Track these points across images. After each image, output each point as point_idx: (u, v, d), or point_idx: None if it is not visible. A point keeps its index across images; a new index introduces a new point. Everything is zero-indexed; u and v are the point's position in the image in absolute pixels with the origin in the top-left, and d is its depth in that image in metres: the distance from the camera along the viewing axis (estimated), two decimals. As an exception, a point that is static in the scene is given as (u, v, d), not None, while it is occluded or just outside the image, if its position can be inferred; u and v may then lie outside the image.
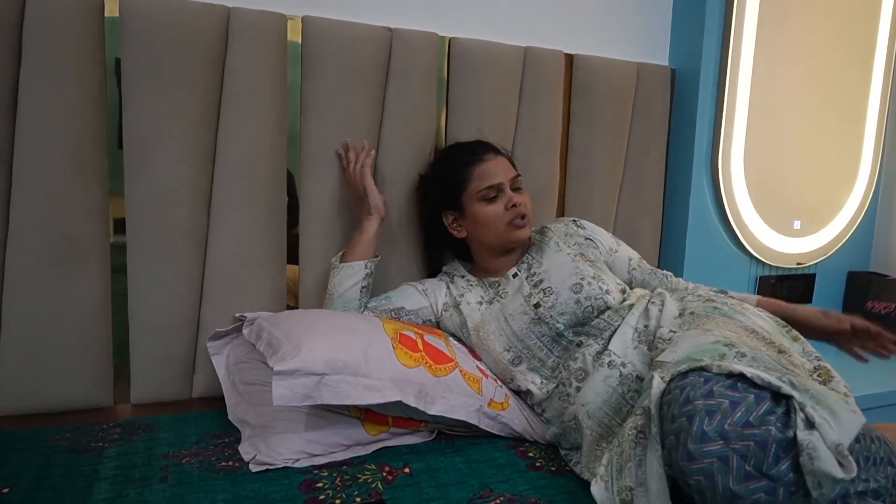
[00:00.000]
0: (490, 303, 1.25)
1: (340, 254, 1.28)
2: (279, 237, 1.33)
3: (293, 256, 1.37)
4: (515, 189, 1.28)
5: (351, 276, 1.24)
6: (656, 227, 1.76)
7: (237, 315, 1.26)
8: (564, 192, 1.63)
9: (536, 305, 1.17)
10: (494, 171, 1.26)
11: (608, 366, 1.05)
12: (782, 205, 1.83)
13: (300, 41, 1.29)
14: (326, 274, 1.29)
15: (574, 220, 1.33)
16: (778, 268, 1.86)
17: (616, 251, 1.31)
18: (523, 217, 1.25)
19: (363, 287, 1.24)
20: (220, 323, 1.26)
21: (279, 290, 1.34)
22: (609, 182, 1.67)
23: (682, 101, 1.73)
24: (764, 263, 1.83)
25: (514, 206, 1.24)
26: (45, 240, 1.15)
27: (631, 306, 1.13)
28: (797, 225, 1.86)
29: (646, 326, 1.08)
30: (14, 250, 1.14)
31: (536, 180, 1.55)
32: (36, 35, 1.10)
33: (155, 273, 1.22)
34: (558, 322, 1.15)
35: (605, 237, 1.32)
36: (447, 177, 1.30)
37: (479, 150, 1.29)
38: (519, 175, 1.29)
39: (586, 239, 1.29)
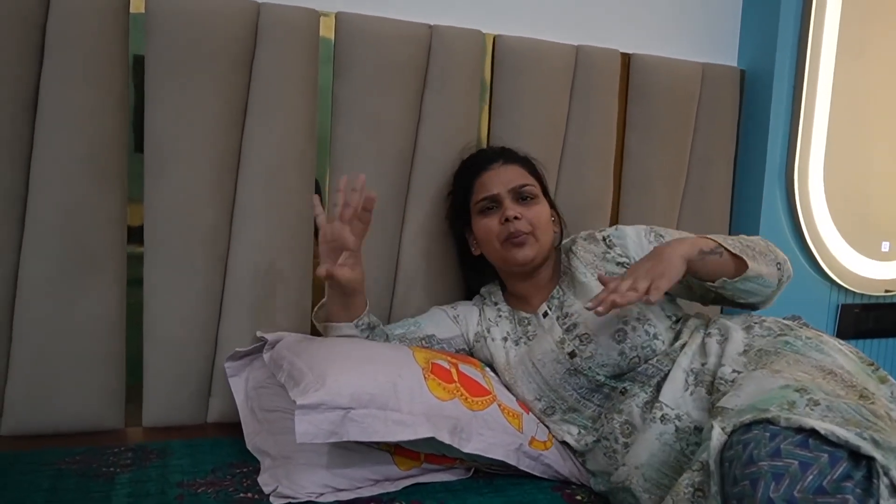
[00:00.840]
0: (516, 343, 1.23)
1: (320, 306, 1.24)
2: (307, 250, 1.35)
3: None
4: (522, 200, 1.23)
5: (343, 334, 1.20)
6: (721, 246, 1.73)
7: (258, 334, 1.27)
8: (618, 205, 1.62)
9: (571, 354, 1.13)
10: (493, 180, 1.24)
11: (661, 420, 1.02)
12: (868, 223, 1.78)
13: (332, 38, 1.32)
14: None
15: (605, 238, 1.23)
16: (863, 295, 1.80)
17: None
18: (520, 234, 1.19)
19: (367, 336, 1.21)
20: (240, 342, 1.28)
21: (305, 309, 1.35)
22: (669, 196, 1.65)
23: (753, 106, 1.70)
24: (847, 290, 1.78)
25: (507, 220, 1.19)
26: (61, 247, 1.19)
27: (684, 346, 1.09)
28: (886, 247, 1.80)
29: (703, 365, 1.05)
30: (28, 258, 1.18)
31: (587, 192, 1.55)
32: (59, 33, 1.15)
33: (172, 286, 1.25)
34: (598, 374, 1.12)
35: (639, 249, 1.19)
36: (457, 188, 1.32)
37: (486, 158, 1.29)
38: (527, 185, 1.24)
39: (618, 264, 1.19)
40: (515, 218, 1.20)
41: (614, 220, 1.62)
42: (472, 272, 1.39)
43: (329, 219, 1.16)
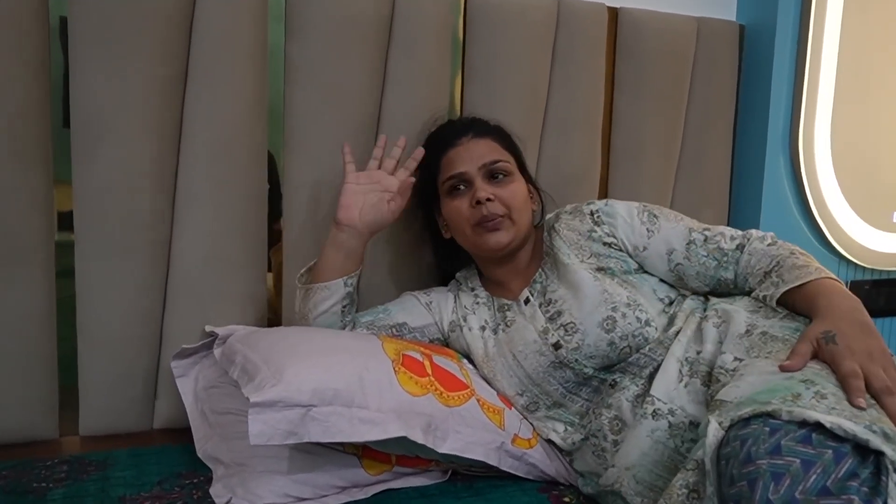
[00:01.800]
0: (494, 331, 1.22)
1: (307, 269, 1.24)
2: (259, 233, 1.33)
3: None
4: (495, 178, 1.21)
5: (326, 297, 1.20)
6: (721, 219, 1.74)
7: (208, 329, 1.26)
8: (607, 176, 1.62)
9: (556, 346, 1.13)
10: (462, 157, 1.23)
11: (652, 416, 1.01)
12: (879, 193, 1.80)
13: (284, -6, 1.30)
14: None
15: (592, 213, 1.21)
16: (874, 271, 1.83)
17: (647, 248, 1.18)
18: (493, 218, 1.18)
19: (345, 306, 1.21)
20: (188, 338, 1.27)
21: (259, 299, 1.34)
22: (662, 165, 1.65)
23: (754, 65, 1.71)
24: (856, 265, 1.80)
25: (479, 202, 1.18)
26: (-23, 237, 1.16)
27: (678, 333, 1.08)
28: (897, 218, 1.83)
29: (698, 353, 1.04)
30: (-60, 250, 1.15)
31: (572, 163, 1.54)
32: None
33: (108, 277, 1.23)
34: (585, 367, 1.12)
35: (630, 231, 1.19)
36: (423, 165, 1.30)
37: (454, 132, 1.27)
38: (500, 161, 1.22)
39: (605, 245, 1.18)
40: (488, 200, 1.18)
41: (603, 194, 1.62)
42: (444, 256, 1.37)
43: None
